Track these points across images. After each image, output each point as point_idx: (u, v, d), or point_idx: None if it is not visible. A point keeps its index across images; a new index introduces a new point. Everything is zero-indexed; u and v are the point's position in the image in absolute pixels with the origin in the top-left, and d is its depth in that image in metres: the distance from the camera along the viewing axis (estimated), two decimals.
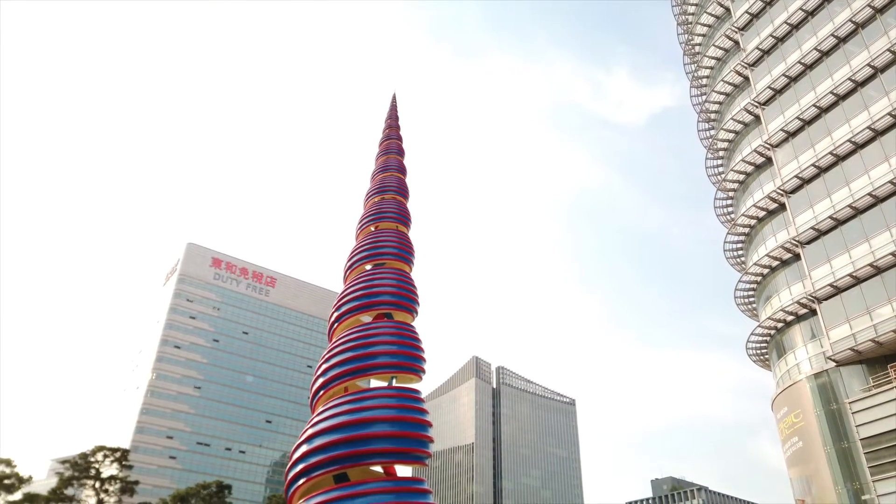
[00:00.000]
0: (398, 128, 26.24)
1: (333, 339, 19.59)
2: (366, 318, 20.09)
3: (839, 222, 42.10)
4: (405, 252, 21.72)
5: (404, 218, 22.92)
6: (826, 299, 41.70)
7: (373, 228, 22.61)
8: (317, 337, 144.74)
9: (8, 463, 36.38)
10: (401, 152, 25.30)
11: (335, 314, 20.18)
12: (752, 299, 53.45)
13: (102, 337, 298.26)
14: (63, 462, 40.18)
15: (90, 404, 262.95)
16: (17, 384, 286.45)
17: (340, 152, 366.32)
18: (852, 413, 36.48)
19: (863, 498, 37.22)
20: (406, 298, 20.24)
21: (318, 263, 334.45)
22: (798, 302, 44.10)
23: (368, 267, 21.43)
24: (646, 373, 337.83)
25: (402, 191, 23.85)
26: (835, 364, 40.54)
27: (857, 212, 41.06)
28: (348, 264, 21.57)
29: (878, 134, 41.11)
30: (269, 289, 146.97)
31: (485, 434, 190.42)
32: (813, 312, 43.38)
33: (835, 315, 40.85)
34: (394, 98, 27.41)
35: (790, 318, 45.58)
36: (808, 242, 43.94)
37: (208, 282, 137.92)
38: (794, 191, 46.05)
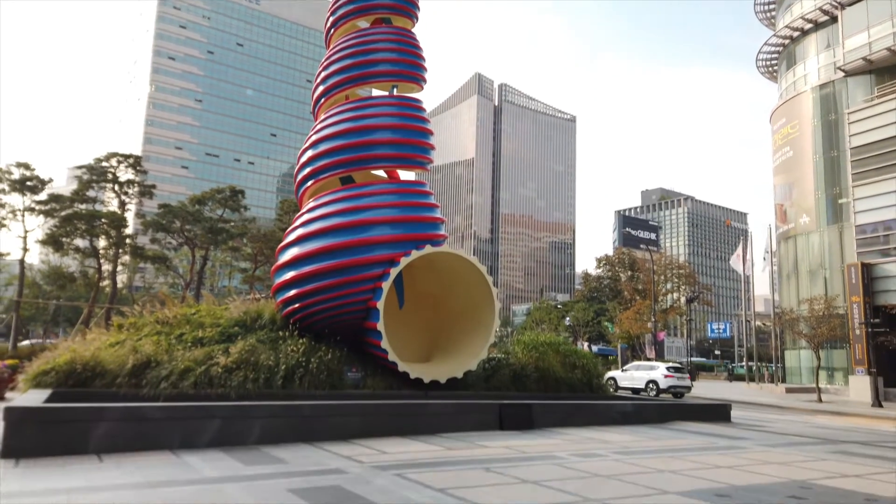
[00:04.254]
0: None
1: (331, 46, 18.95)
2: (363, 23, 19.18)
3: None
4: None
5: None
6: (850, 5, 39.33)
7: None
8: (314, 50, 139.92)
9: (27, 166, 37.38)
10: None
11: (331, 18, 19.18)
12: (772, 6, 50.49)
13: (98, 46, 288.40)
14: (79, 168, 41.71)
15: (98, 118, 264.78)
16: (24, 100, 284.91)
17: None
18: (849, 123, 36.87)
19: (839, 202, 39.72)
20: (405, 1, 19.07)
21: None
22: (820, 9, 41.78)
23: None
24: (649, 89, 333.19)
25: None
26: (843, 74, 39.89)
27: None
28: None
29: None
30: None
31: (485, 149, 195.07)
32: (833, 20, 41.30)
33: (855, 22, 38.89)
34: None
35: (808, 25, 43.65)
36: None
37: None
38: None
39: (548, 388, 17.25)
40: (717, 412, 17.14)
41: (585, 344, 63.13)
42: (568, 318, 71.91)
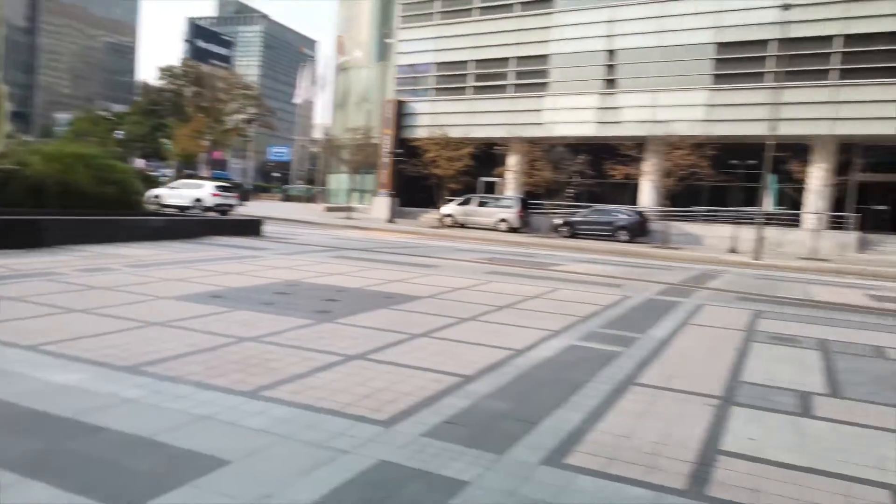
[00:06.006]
0: None
1: None
2: None
3: None
4: None
5: None
6: None
7: None
8: None
9: None
10: None
11: None
12: None
13: None
14: None
15: None
16: None
17: None
18: None
19: (385, 41, 43.93)
20: None
21: None
22: None
23: None
24: None
25: None
26: None
27: None
28: None
29: None
30: None
31: None
32: None
33: None
34: None
35: None
36: None
37: None
38: None
39: (74, 205, 15.78)
40: (250, 227, 18.36)
41: (140, 161, 58.87)
42: (121, 132, 65.33)
